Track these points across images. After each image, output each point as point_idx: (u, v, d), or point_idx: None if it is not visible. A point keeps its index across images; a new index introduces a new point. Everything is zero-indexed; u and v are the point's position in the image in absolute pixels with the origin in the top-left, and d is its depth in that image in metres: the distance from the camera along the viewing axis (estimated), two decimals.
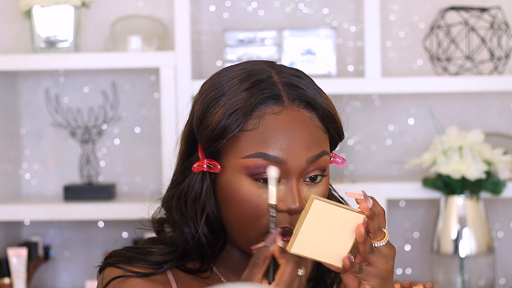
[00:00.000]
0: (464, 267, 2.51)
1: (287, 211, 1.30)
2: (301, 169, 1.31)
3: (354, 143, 2.82)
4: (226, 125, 1.31)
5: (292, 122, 1.32)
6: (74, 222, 2.86)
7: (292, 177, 1.31)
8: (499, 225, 2.82)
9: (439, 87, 2.59)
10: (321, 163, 1.33)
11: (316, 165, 1.32)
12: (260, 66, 1.37)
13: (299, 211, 1.28)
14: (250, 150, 1.31)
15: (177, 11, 2.59)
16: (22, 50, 2.81)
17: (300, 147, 1.31)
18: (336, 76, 2.65)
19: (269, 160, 1.29)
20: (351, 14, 2.80)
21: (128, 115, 2.84)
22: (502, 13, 2.64)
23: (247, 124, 1.31)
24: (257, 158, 1.30)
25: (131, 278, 1.37)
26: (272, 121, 1.31)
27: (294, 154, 1.30)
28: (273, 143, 1.30)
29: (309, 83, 1.37)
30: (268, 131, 1.31)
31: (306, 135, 1.32)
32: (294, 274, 1.22)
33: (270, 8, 2.82)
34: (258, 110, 1.32)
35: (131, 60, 2.61)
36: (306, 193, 1.32)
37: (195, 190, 1.36)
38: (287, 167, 1.30)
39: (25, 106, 2.85)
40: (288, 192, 1.31)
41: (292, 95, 1.33)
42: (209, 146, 1.34)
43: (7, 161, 2.78)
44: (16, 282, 2.59)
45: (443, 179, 2.53)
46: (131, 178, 2.85)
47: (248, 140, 1.31)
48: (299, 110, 1.33)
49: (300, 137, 1.31)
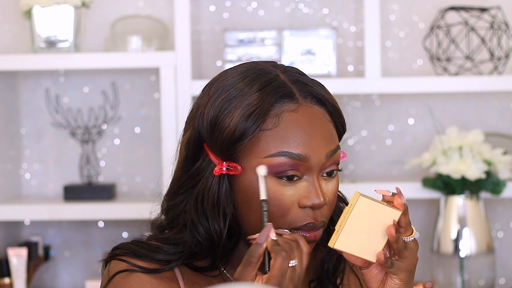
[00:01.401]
0: (464, 267, 2.51)
1: (311, 206, 1.32)
2: (321, 164, 1.33)
3: (354, 143, 2.82)
4: (246, 127, 1.32)
5: (309, 118, 1.34)
6: (74, 222, 2.86)
7: (313, 172, 1.33)
8: (499, 225, 2.82)
9: (439, 87, 2.59)
10: (337, 157, 1.36)
11: (333, 159, 1.35)
12: (264, 66, 1.38)
13: (322, 205, 1.32)
14: (272, 149, 1.32)
15: (177, 11, 2.59)
16: (22, 50, 2.81)
17: (319, 142, 1.33)
18: (336, 76, 2.65)
19: (293, 158, 1.31)
20: (351, 14, 2.80)
21: (128, 115, 2.84)
22: (502, 13, 2.64)
23: (266, 124, 1.33)
24: (280, 156, 1.32)
25: (137, 273, 1.37)
26: (290, 118, 1.33)
27: (314, 150, 1.32)
28: (294, 140, 1.32)
29: (313, 80, 1.40)
30: (288, 129, 1.32)
31: (323, 131, 1.34)
32: (285, 266, 1.24)
33: (270, 8, 2.82)
34: (275, 108, 1.33)
35: (131, 60, 2.61)
36: (324, 188, 1.34)
37: (213, 193, 1.36)
38: (309, 164, 1.32)
39: (25, 106, 2.85)
40: (310, 188, 1.33)
41: (304, 92, 1.36)
42: (227, 149, 1.34)
43: (7, 161, 2.78)
44: (16, 282, 2.59)
45: (443, 179, 2.53)
46: (131, 178, 2.85)
47: (269, 139, 1.32)
48: (312, 106, 1.35)
49: (318, 133, 1.34)
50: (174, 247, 1.39)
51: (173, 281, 1.38)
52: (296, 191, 1.32)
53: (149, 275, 1.37)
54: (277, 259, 1.24)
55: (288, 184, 1.32)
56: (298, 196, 1.32)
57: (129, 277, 1.37)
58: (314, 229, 1.33)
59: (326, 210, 1.35)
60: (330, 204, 1.36)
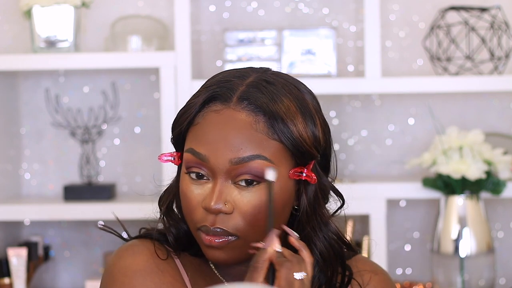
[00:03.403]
0: (464, 267, 2.51)
1: (205, 209, 1.30)
2: (224, 169, 1.29)
3: (354, 143, 2.82)
4: (178, 119, 1.35)
5: (226, 121, 1.30)
6: (74, 222, 2.86)
7: (217, 175, 1.30)
8: (499, 225, 2.82)
9: (439, 87, 2.59)
10: (252, 167, 1.28)
11: (246, 168, 1.28)
12: (246, 70, 1.37)
13: (216, 211, 1.29)
14: (188, 144, 1.33)
15: (177, 11, 2.59)
16: (22, 50, 2.81)
17: (225, 147, 1.29)
18: (336, 76, 2.65)
19: (196, 157, 1.30)
20: (351, 14, 2.80)
21: (128, 115, 2.83)
22: (502, 13, 2.64)
23: (194, 119, 1.33)
24: (188, 153, 1.32)
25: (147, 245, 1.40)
26: (210, 118, 1.31)
27: (218, 153, 1.29)
28: (201, 139, 1.31)
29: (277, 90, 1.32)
30: (203, 128, 1.31)
31: (236, 136, 1.29)
32: (291, 278, 1.22)
33: (270, 8, 2.82)
34: (207, 107, 1.33)
35: (131, 60, 2.61)
36: (235, 196, 1.29)
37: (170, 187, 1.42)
38: (211, 166, 1.30)
39: (25, 106, 2.85)
40: (210, 191, 1.30)
41: (244, 98, 1.31)
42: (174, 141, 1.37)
43: (7, 161, 2.78)
44: (16, 282, 2.59)
45: (443, 179, 2.53)
46: (131, 178, 2.85)
47: (190, 134, 1.33)
48: (241, 111, 1.30)
49: (228, 137, 1.29)
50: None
51: (176, 271, 1.39)
52: (202, 191, 1.31)
53: (154, 259, 1.39)
54: (282, 270, 1.22)
55: (196, 182, 1.31)
56: (202, 197, 1.31)
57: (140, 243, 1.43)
58: (209, 233, 1.30)
59: (236, 220, 1.29)
60: (243, 215, 1.29)
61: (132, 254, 1.38)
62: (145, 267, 1.36)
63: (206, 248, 1.32)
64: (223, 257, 1.32)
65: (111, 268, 1.38)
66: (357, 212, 2.58)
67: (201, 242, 1.33)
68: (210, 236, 1.30)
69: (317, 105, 1.37)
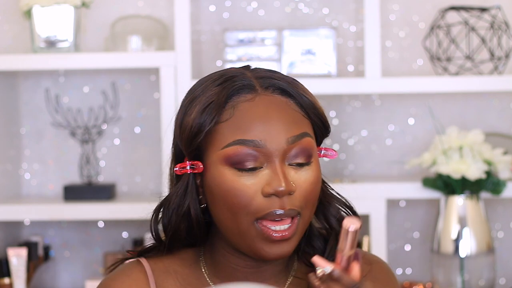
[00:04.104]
0: (464, 267, 2.51)
1: (274, 193, 1.28)
2: (282, 150, 1.29)
3: (354, 143, 2.82)
4: (202, 121, 1.30)
5: (267, 106, 1.30)
6: (74, 222, 2.86)
7: (274, 159, 1.28)
8: (499, 225, 2.82)
9: (439, 87, 2.59)
10: (304, 144, 1.30)
11: (299, 146, 1.30)
12: (234, 69, 1.37)
13: (286, 192, 1.27)
14: (228, 139, 1.29)
15: (177, 11, 2.59)
16: (22, 50, 2.81)
17: (278, 128, 1.29)
18: (336, 76, 2.65)
19: (248, 145, 1.28)
20: (351, 14, 2.80)
21: (128, 115, 2.84)
22: (502, 13, 2.64)
23: (222, 116, 1.30)
24: (236, 145, 1.28)
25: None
26: (246, 107, 1.30)
27: (272, 135, 1.28)
28: (249, 127, 1.29)
29: (285, 76, 1.35)
30: (243, 118, 1.29)
31: (283, 117, 1.30)
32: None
33: (270, 8, 2.82)
34: (232, 100, 1.31)
35: (131, 60, 2.61)
36: (293, 176, 1.29)
37: (180, 195, 1.35)
38: (267, 150, 1.28)
39: (25, 106, 2.85)
40: (273, 174, 1.28)
41: (265, 84, 1.33)
42: (189, 146, 1.32)
43: (7, 161, 2.78)
44: (16, 282, 2.59)
45: (443, 179, 2.53)
46: (131, 178, 2.85)
47: (225, 130, 1.30)
48: (273, 95, 1.32)
49: (276, 119, 1.29)
50: None
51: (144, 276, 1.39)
52: (257, 179, 1.28)
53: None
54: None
55: (247, 174, 1.28)
56: (260, 185, 1.28)
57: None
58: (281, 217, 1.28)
59: (298, 199, 1.29)
60: (303, 193, 1.30)
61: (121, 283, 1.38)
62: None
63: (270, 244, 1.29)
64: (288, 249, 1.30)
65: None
66: (357, 212, 2.57)
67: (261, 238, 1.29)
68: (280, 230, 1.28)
69: None
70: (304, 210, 1.30)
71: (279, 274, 1.37)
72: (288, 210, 1.28)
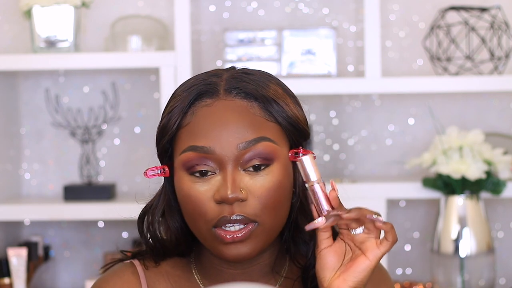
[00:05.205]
0: (464, 267, 2.51)
1: (221, 200, 1.27)
2: (233, 156, 1.27)
3: (354, 143, 2.82)
4: (166, 124, 1.32)
5: (222, 111, 1.29)
6: (74, 222, 2.86)
7: (226, 165, 1.27)
8: (499, 225, 2.82)
9: (439, 87, 2.59)
10: (260, 149, 1.28)
11: (253, 151, 1.28)
12: (214, 71, 1.36)
13: (233, 200, 1.26)
14: (184, 145, 1.30)
15: (177, 11, 2.59)
16: (22, 50, 2.81)
17: (229, 134, 1.27)
18: (336, 76, 2.65)
19: (198, 152, 1.28)
20: (351, 14, 2.80)
21: (128, 115, 2.84)
22: (502, 13, 2.64)
23: (183, 121, 1.31)
24: (188, 152, 1.29)
25: None
26: (203, 113, 1.30)
27: (223, 142, 1.27)
28: (201, 134, 1.28)
29: (259, 78, 1.33)
30: (199, 123, 1.29)
31: (238, 122, 1.28)
32: None
33: (270, 8, 2.82)
34: (194, 106, 1.31)
35: (131, 60, 2.61)
36: (247, 183, 1.28)
37: (156, 200, 1.40)
38: (217, 156, 1.27)
39: (25, 106, 2.85)
40: (222, 181, 1.28)
41: (230, 87, 1.31)
42: (157, 148, 1.35)
43: (7, 161, 2.78)
44: (16, 282, 2.59)
45: (443, 179, 2.53)
46: (131, 178, 2.85)
47: (183, 135, 1.30)
48: (233, 100, 1.30)
49: (230, 124, 1.28)
50: None
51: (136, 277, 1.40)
52: (210, 186, 1.28)
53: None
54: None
55: (200, 180, 1.28)
56: (212, 191, 1.27)
57: None
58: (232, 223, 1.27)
59: (251, 207, 1.27)
60: (259, 199, 1.28)
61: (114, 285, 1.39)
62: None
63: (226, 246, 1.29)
64: (246, 250, 1.29)
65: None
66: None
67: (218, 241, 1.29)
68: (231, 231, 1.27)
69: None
70: (261, 217, 1.29)
71: (268, 275, 1.37)
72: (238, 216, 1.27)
